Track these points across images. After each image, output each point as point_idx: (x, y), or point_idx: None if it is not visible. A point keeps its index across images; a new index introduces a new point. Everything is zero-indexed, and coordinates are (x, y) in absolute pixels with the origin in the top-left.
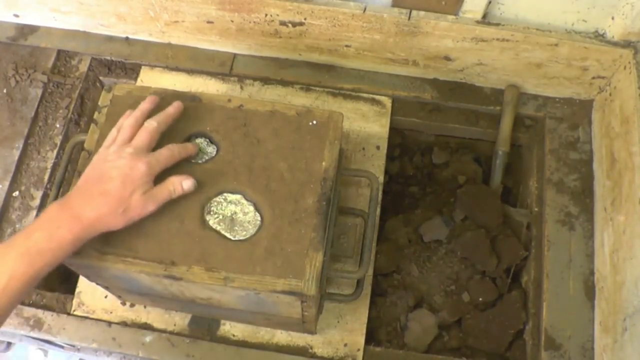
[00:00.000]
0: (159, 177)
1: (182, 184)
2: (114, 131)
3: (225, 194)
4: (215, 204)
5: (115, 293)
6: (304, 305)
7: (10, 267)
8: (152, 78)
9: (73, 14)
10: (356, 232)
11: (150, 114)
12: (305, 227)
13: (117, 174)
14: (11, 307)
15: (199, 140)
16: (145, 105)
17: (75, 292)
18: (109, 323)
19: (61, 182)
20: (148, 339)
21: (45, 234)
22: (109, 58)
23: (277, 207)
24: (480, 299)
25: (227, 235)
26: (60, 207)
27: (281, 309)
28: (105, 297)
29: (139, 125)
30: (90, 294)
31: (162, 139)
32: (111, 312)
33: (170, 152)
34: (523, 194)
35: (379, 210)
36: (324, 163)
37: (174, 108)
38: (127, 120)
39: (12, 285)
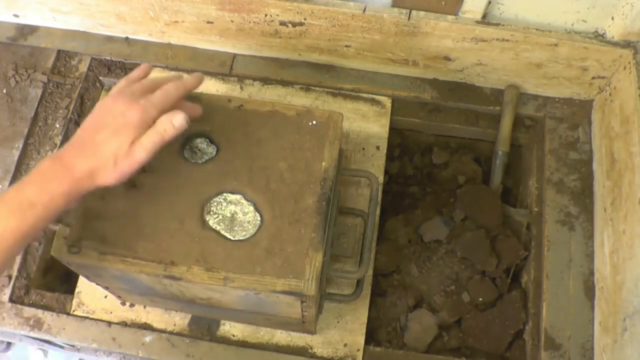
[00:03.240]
0: None
1: (173, 121)
2: (122, 80)
3: (225, 194)
4: (215, 204)
5: (115, 293)
6: (303, 305)
7: (2, 223)
8: None
9: (73, 14)
10: (356, 232)
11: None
12: (305, 227)
13: (110, 122)
14: (4, 263)
15: (199, 140)
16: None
17: (75, 292)
18: (109, 323)
19: None
20: (148, 339)
21: (37, 188)
22: (108, 58)
23: (277, 207)
24: (480, 299)
25: (227, 235)
26: (52, 160)
27: (281, 309)
28: (105, 297)
29: (155, 84)
30: (90, 294)
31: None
32: (111, 312)
33: (164, 93)
34: (523, 194)
35: (378, 210)
36: (323, 163)
37: (195, 80)
38: (150, 79)
39: (4, 240)
